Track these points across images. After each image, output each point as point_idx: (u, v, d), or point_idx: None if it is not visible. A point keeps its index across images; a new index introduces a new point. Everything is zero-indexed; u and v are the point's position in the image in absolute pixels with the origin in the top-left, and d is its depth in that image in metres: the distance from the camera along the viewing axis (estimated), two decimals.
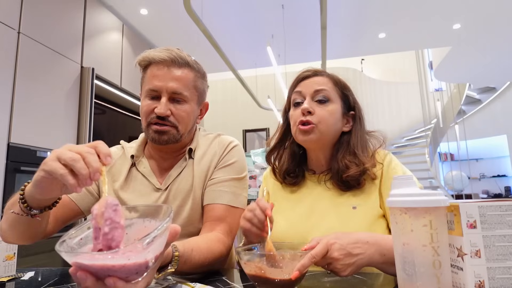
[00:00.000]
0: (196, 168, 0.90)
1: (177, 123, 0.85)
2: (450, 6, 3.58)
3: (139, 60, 0.88)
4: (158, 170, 0.92)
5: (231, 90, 6.99)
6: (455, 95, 7.76)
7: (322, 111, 0.83)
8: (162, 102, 0.83)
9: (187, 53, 0.91)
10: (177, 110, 0.85)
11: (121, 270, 0.40)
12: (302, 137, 0.84)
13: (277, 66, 4.02)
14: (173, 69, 0.85)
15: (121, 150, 0.97)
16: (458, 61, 5.22)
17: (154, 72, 0.85)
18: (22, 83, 2.11)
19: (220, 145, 0.94)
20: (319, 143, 0.85)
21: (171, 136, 0.85)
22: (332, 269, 0.59)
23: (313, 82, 0.86)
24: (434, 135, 7.67)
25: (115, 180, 0.91)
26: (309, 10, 3.49)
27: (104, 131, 2.85)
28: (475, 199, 0.47)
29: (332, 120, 0.83)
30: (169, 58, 0.85)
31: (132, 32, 3.49)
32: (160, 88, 0.83)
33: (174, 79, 0.84)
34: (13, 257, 0.77)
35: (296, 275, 0.54)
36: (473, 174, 8.06)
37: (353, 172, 0.79)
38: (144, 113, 0.86)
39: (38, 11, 2.29)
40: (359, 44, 4.54)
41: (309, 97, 0.84)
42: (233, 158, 0.92)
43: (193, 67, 0.89)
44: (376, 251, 0.61)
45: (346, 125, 0.88)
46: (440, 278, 0.43)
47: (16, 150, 2.03)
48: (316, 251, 0.57)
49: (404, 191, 0.47)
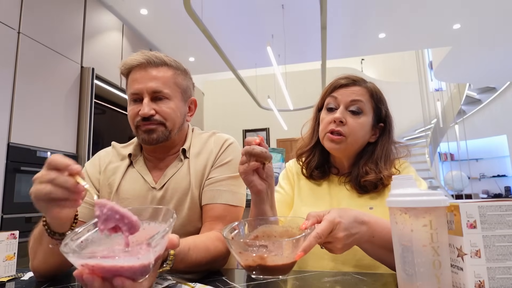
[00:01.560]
0: (193, 166, 0.90)
1: (164, 120, 0.86)
2: (450, 6, 3.59)
3: (121, 70, 0.90)
4: (155, 170, 0.93)
5: (231, 90, 6.99)
6: (455, 95, 7.76)
7: (354, 123, 0.84)
8: (144, 103, 0.84)
9: (165, 54, 0.91)
10: (161, 108, 0.85)
11: (129, 270, 0.41)
12: (330, 145, 0.86)
13: (277, 66, 4.02)
14: (150, 69, 0.86)
15: (113, 151, 0.97)
16: (458, 61, 5.22)
17: (134, 77, 0.86)
18: (22, 83, 2.11)
19: (215, 143, 0.94)
20: (344, 153, 0.88)
21: (160, 134, 0.86)
22: (331, 247, 0.59)
23: (351, 91, 0.86)
24: (434, 135, 7.67)
25: (110, 181, 0.91)
26: (309, 10, 3.49)
27: (104, 131, 2.85)
28: (475, 199, 0.47)
29: (362, 133, 0.85)
30: (145, 59, 0.86)
31: (132, 32, 3.49)
32: (141, 90, 0.84)
33: (153, 79, 0.85)
34: (13, 257, 0.77)
35: (301, 255, 0.52)
36: (473, 174, 8.06)
37: (371, 178, 0.82)
38: (131, 118, 0.87)
39: (38, 11, 2.29)
40: (359, 44, 4.55)
41: (343, 106, 0.85)
42: (229, 156, 0.92)
43: (170, 65, 0.89)
44: (367, 231, 0.61)
45: (373, 136, 0.90)
46: (440, 278, 0.43)
47: (16, 150, 2.03)
48: (322, 230, 0.54)
49: (404, 191, 0.47)
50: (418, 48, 6.57)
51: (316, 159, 0.93)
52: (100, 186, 0.92)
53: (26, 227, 2.07)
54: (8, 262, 0.75)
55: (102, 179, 0.92)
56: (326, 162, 0.94)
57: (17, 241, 0.78)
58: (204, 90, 6.46)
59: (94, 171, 0.93)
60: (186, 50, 4.42)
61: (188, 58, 4.61)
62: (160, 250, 0.45)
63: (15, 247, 0.78)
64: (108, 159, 0.95)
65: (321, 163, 0.93)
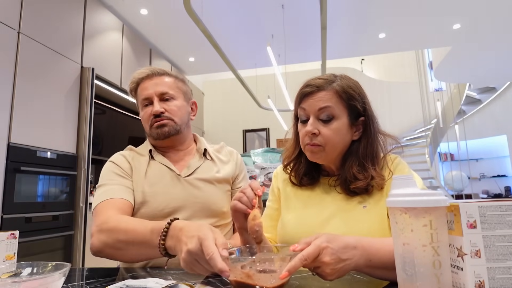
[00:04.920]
0: (219, 165, 1.06)
1: (172, 116, 1.01)
2: (450, 6, 3.59)
3: (129, 88, 1.06)
4: (174, 162, 1.04)
5: (231, 90, 6.98)
6: (455, 95, 7.76)
7: (327, 132, 0.81)
8: (154, 103, 1.00)
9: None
10: (169, 106, 1.01)
11: None
12: (310, 155, 0.85)
13: (277, 66, 4.02)
14: (155, 78, 1.03)
15: (132, 152, 1.06)
16: (458, 61, 5.22)
17: (143, 86, 1.03)
18: (22, 83, 2.11)
19: (231, 154, 1.13)
20: (327, 160, 0.86)
21: (171, 128, 1.00)
22: (320, 272, 0.58)
23: (317, 99, 0.83)
24: (434, 135, 7.67)
25: (136, 177, 0.98)
26: (309, 10, 3.49)
27: (104, 131, 2.85)
28: (475, 199, 0.47)
29: (338, 138, 0.82)
30: (150, 71, 1.03)
31: (132, 32, 3.49)
32: (150, 94, 1.00)
33: (159, 84, 1.02)
34: (13, 257, 0.77)
35: (285, 275, 0.52)
36: (473, 174, 8.06)
37: (360, 184, 0.81)
38: (145, 119, 1.02)
39: (38, 11, 2.29)
40: (359, 44, 4.55)
41: (313, 116, 0.83)
42: (244, 169, 1.13)
43: (171, 74, 1.06)
44: (362, 256, 0.59)
45: (355, 133, 0.86)
46: (440, 278, 0.43)
47: (16, 150, 2.03)
48: (308, 253, 0.55)
49: (404, 191, 0.47)
50: (418, 48, 6.58)
51: (303, 165, 0.91)
52: (132, 172, 0.99)
53: (26, 227, 2.07)
54: (8, 262, 0.75)
55: (130, 167, 1.00)
56: (314, 167, 0.92)
57: (17, 241, 0.78)
58: (204, 90, 6.46)
59: (123, 161, 1.01)
60: (186, 50, 4.42)
61: (188, 58, 4.61)
62: None
63: (15, 247, 0.78)
64: (131, 156, 1.03)
65: (309, 169, 0.92)
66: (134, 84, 1.04)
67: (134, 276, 0.72)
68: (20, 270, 0.54)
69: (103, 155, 2.80)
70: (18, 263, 0.56)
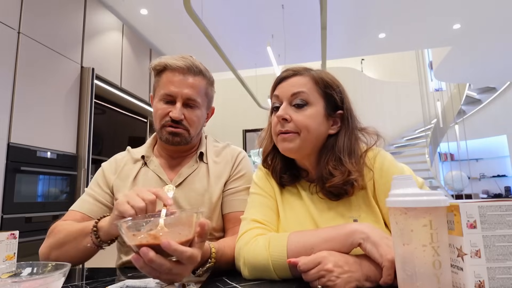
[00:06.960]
0: (212, 172, 0.98)
1: (189, 127, 0.93)
2: (450, 6, 3.58)
3: (154, 65, 0.93)
4: (168, 168, 0.99)
5: (231, 90, 6.98)
6: (455, 95, 7.77)
7: (300, 117, 0.75)
8: (177, 107, 0.90)
9: (199, 61, 0.96)
10: (190, 115, 0.92)
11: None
12: (283, 145, 0.77)
13: (277, 66, 4.02)
14: (188, 76, 0.91)
15: (128, 155, 1.03)
16: (458, 61, 5.22)
17: (170, 78, 0.90)
18: (22, 83, 2.11)
19: (231, 155, 1.03)
20: (301, 152, 0.78)
21: (183, 139, 0.93)
22: (326, 282, 0.56)
23: (291, 84, 0.77)
24: (434, 135, 7.67)
25: (125, 182, 0.96)
26: (309, 10, 3.49)
27: (104, 131, 2.85)
28: (475, 199, 0.47)
29: (314, 125, 0.75)
30: (185, 66, 0.90)
31: (132, 32, 3.49)
32: (176, 93, 0.90)
33: (189, 86, 0.90)
34: (13, 257, 0.77)
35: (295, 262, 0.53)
36: (473, 174, 8.06)
37: (337, 181, 0.72)
38: (159, 116, 0.92)
39: (38, 11, 2.29)
40: (359, 44, 4.54)
41: (286, 101, 0.77)
42: (244, 169, 1.01)
43: (205, 75, 0.95)
44: (363, 274, 0.59)
45: (333, 126, 0.79)
46: (440, 278, 0.43)
47: (16, 150, 2.03)
48: (307, 259, 0.55)
49: (404, 191, 0.47)
50: (418, 48, 6.57)
51: (279, 162, 0.83)
52: (113, 186, 0.96)
53: (26, 227, 2.07)
54: (8, 262, 0.75)
55: (114, 179, 0.97)
56: (291, 166, 0.84)
57: (17, 241, 0.78)
58: None
59: (110, 171, 0.99)
60: (186, 50, 4.41)
61: None
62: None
63: (15, 247, 0.78)
64: (123, 162, 1.00)
65: (286, 167, 0.84)
66: (161, 67, 0.92)
67: (134, 276, 0.72)
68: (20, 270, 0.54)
69: (103, 155, 2.79)
70: (18, 263, 0.56)
